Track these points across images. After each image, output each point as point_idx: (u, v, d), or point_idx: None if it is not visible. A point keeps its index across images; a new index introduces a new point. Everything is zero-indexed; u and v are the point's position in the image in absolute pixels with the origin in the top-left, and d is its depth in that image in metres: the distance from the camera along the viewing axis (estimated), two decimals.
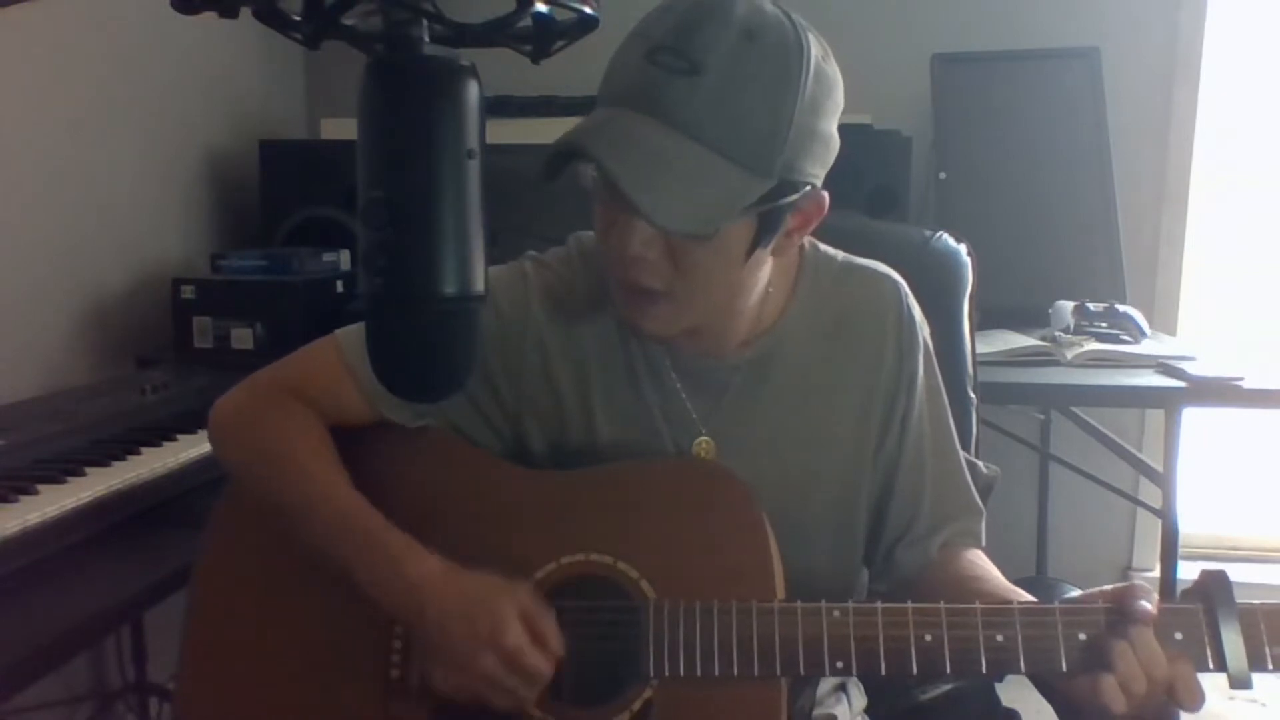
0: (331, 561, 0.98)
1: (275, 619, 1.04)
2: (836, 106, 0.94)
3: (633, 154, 0.86)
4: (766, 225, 0.94)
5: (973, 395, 1.34)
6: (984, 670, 0.91)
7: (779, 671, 0.93)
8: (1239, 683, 0.87)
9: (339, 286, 2.15)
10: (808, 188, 0.94)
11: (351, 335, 1.06)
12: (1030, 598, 0.96)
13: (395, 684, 0.99)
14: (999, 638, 0.90)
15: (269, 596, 1.04)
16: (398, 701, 0.99)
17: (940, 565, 1.09)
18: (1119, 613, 0.88)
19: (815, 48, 0.91)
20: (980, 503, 1.14)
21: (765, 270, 1.02)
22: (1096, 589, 0.91)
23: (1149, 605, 0.87)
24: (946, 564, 1.08)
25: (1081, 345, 2.11)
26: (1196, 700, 0.86)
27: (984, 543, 1.13)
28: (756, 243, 0.94)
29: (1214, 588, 0.89)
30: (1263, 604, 0.89)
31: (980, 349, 1.45)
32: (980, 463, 1.22)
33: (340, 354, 1.06)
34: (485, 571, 0.95)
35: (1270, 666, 0.88)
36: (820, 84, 0.91)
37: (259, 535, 1.06)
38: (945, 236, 1.38)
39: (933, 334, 1.12)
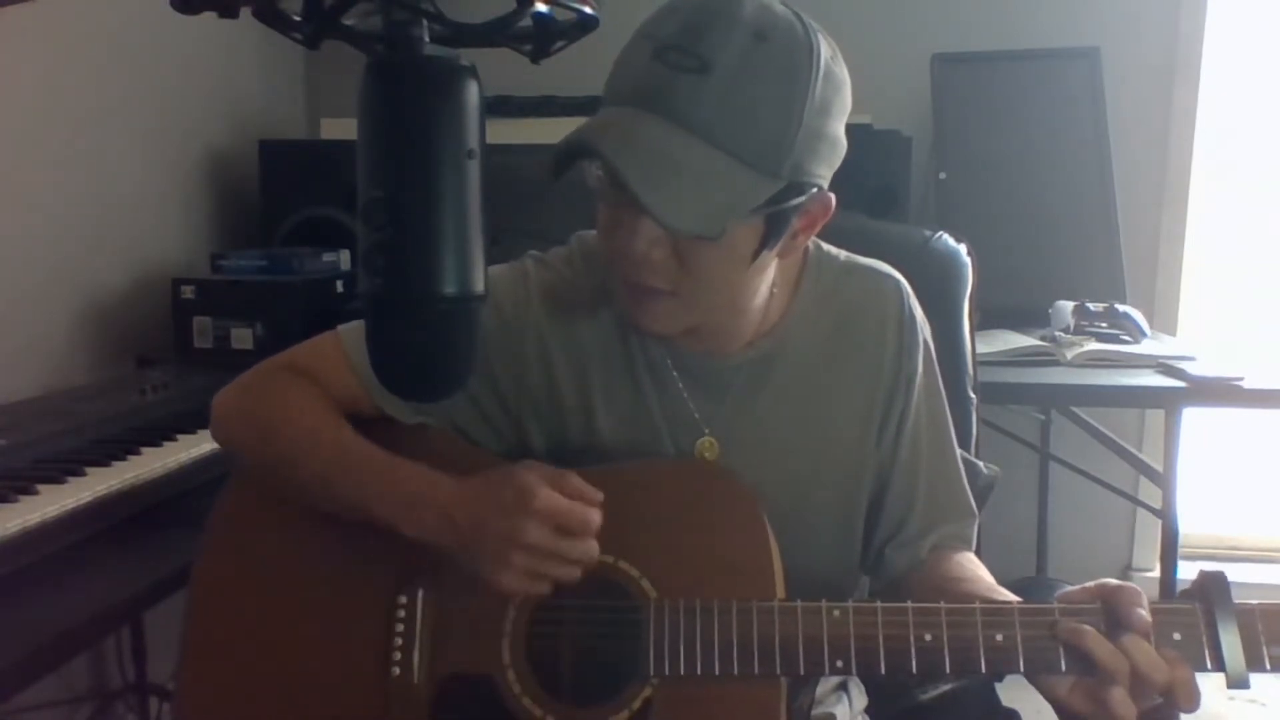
0: (347, 504, 0.98)
1: (275, 618, 1.04)
2: (845, 108, 0.93)
3: (641, 153, 0.86)
4: (774, 227, 0.93)
5: (973, 395, 1.34)
6: (983, 670, 0.90)
7: (779, 671, 0.93)
8: (1237, 682, 0.87)
9: (339, 286, 2.15)
10: (815, 189, 0.93)
11: (352, 330, 1.07)
12: (1015, 598, 0.96)
13: (395, 682, 0.99)
14: (998, 637, 0.90)
15: (268, 596, 1.04)
16: (398, 700, 0.99)
17: (929, 567, 1.08)
18: (1115, 618, 0.87)
19: (824, 49, 0.90)
20: (974, 505, 1.14)
21: (770, 271, 1.02)
22: (1084, 585, 0.91)
23: (1144, 612, 0.86)
24: (935, 565, 1.08)
25: (1081, 345, 2.12)
26: (1194, 703, 0.86)
27: (974, 545, 1.13)
28: (763, 244, 0.94)
29: (1212, 588, 0.89)
30: (1260, 604, 0.89)
31: (980, 349, 1.45)
32: (980, 463, 1.22)
33: (341, 348, 1.06)
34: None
35: (1268, 666, 0.88)
36: (829, 85, 0.90)
37: (258, 535, 1.06)
38: (945, 236, 1.38)
39: (933, 334, 1.12)
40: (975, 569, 1.07)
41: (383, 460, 0.98)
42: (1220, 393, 1.94)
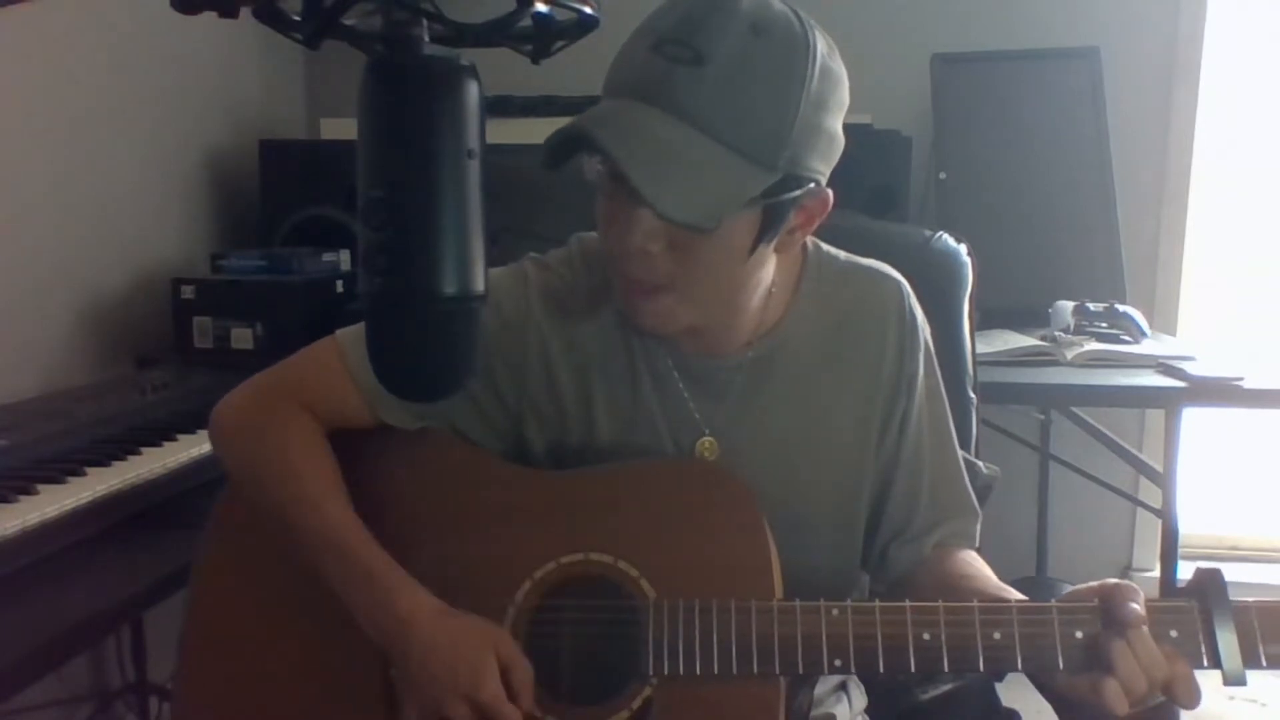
0: (322, 581, 0.98)
1: (275, 619, 1.04)
2: (841, 104, 0.94)
3: (638, 143, 0.86)
4: (770, 220, 0.94)
5: (973, 395, 1.34)
6: (982, 668, 0.91)
7: (778, 670, 0.93)
8: (1233, 680, 0.88)
9: (339, 286, 2.15)
10: (812, 184, 0.94)
11: (351, 337, 1.06)
12: (1021, 596, 0.96)
13: (394, 682, 0.99)
14: (996, 635, 0.90)
15: (268, 596, 1.04)
16: (397, 700, 0.99)
17: (933, 564, 1.09)
18: (1110, 616, 0.88)
19: (821, 44, 0.91)
20: (977, 504, 1.14)
21: (768, 268, 1.02)
22: (1086, 585, 0.92)
23: (1138, 606, 0.87)
24: (939, 563, 1.08)
25: (1081, 345, 2.11)
26: (1194, 699, 0.86)
27: (978, 544, 1.13)
28: (760, 238, 0.94)
29: (1208, 586, 0.90)
30: (1257, 602, 0.89)
31: (980, 349, 1.45)
32: (980, 463, 1.22)
33: (341, 357, 1.05)
34: (471, 616, 0.96)
35: (1264, 664, 0.88)
36: (826, 80, 0.91)
37: (259, 535, 1.06)
38: (945, 236, 1.38)
39: (933, 334, 1.12)
40: (979, 567, 1.07)
41: (367, 560, 0.97)
42: (1220, 393, 1.94)
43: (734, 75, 0.87)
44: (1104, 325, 2.23)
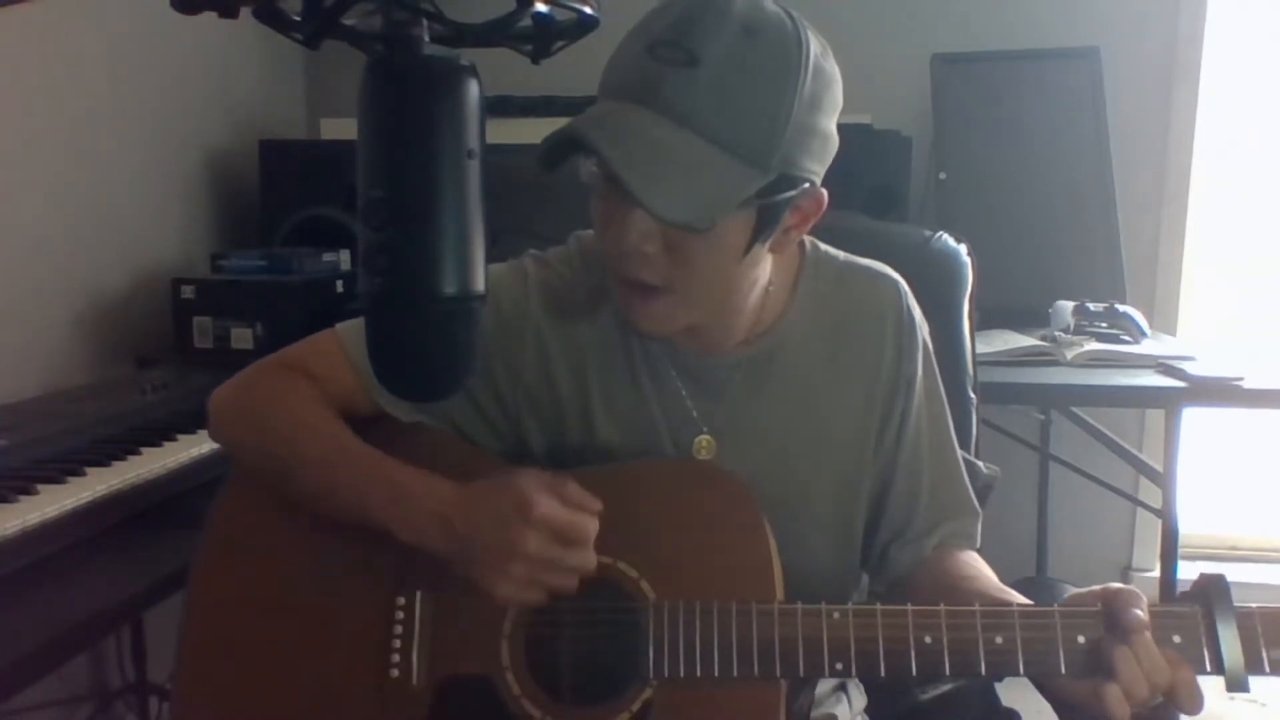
0: (343, 504, 0.98)
1: (272, 619, 1.03)
2: (835, 104, 0.94)
3: (632, 145, 0.87)
4: (765, 220, 0.94)
5: (973, 395, 1.34)
6: (983, 672, 0.91)
7: (778, 672, 0.93)
8: (1236, 685, 0.87)
9: (339, 286, 2.15)
10: (806, 184, 0.94)
11: (351, 328, 1.07)
12: (1023, 598, 0.96)
13: (393, 684, 0.99)
14: (998, 640, 0.90)
15: (266, 596, 1.04)
16: (395, 702, 0.99)
17: (933, 564, 1.09)
18: (1113, 621, 0.87)
19: (814, 45, 0.91)
20: (977, 504, 1.14)
21: (764, 267, 1.02)
22: (1089, 589, 0.91)
23: (1141, 612, 0.86)
24: (940, 563, 1.08)
25: (1081, 345, 2.11)
26: (1197, 705, 0.86)
27: (979, 544, 1.13)
28: (755, 238, 0.95)
29: (1212, 591, 0.90)
30: (1260, 607, 0.89)
31: (980, 349, 1.45)
32: (980, 463, 1.22)
33: (339, 345, 1.06)
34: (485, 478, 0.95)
35: (1267, 669, 0.88)
36: (819, 80, 0.91)
37: (256, 535, 1.06)
38: (945, 236, 1.38)
39: (933, 334, 1.12)
40: (980, 567, 1.07)
41: (381, 463, 0.98)
42: (1220, 393, 1.94)
43: (727, 77, 0.87)
44: (1104, 325, 2.23)
